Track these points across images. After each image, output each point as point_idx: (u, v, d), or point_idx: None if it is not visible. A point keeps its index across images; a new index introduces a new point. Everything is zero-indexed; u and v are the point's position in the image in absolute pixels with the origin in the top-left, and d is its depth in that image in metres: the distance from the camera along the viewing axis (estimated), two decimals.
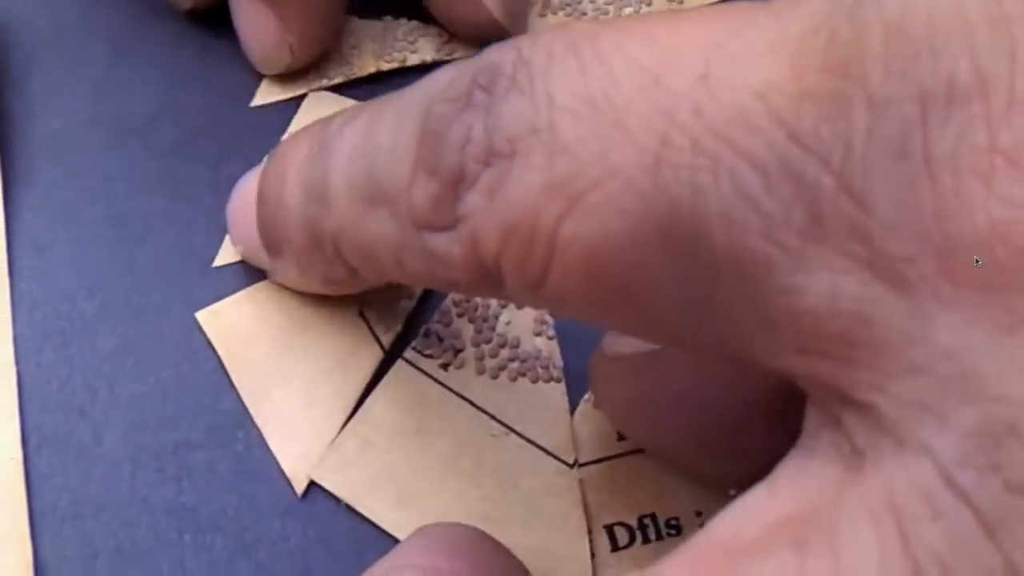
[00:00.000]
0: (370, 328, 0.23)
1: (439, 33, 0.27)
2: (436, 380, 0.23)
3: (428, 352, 0.23)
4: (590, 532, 0.21)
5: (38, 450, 0.21)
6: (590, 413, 0.23)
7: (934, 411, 0.11)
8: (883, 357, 0.12)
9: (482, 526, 0.21)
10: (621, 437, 0.22)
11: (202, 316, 0.23)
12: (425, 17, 0.27)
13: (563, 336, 0.23)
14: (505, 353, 0.23)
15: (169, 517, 0.21)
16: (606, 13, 0.28)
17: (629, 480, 0.22)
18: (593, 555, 0.21)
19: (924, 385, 0.11)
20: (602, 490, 0.22)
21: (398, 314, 0.23)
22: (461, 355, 0.23)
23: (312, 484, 0.21)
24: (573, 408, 0.23)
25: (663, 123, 0.13)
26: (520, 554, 0.21)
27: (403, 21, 0.27)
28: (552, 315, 0.23)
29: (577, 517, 0.21)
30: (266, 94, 0.26)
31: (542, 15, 0.28)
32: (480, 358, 0.23)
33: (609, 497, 0.22)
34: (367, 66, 0.27)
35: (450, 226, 0.16)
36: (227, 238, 0.23)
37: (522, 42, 0.15)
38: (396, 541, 0.21)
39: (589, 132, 0.14)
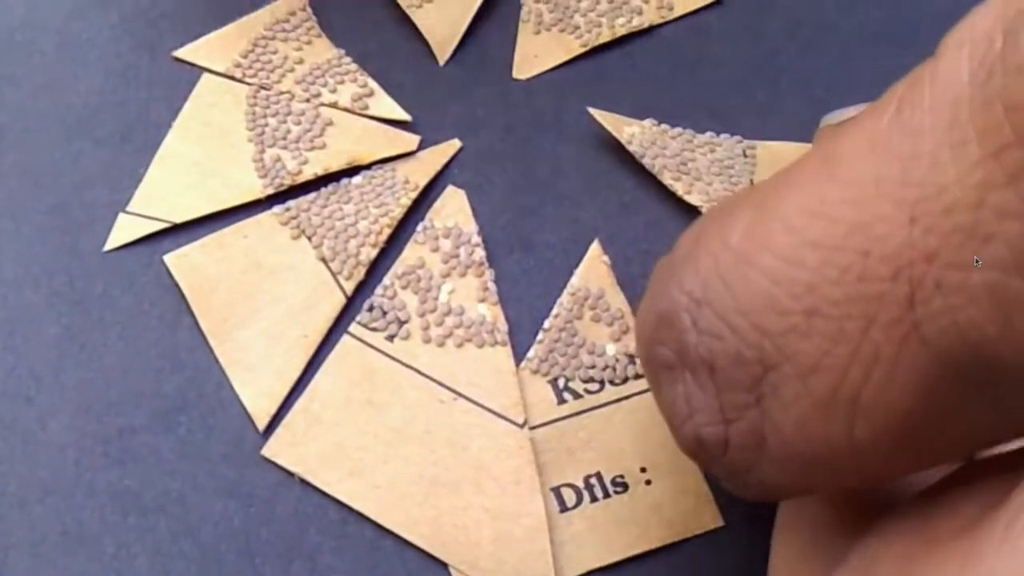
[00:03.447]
0: (332, 274, 0.23)
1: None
2: (382, 352, 0.22)
3: (373, 326, 0.23)
4: None
5: None
6: (527, 380, 0.22)
7: None
8: None
9: (435, 490, 0.21)
10: (561, 401, 0.22)
11: (170, 259, 0.23)
12: None
13: (506, 301, 0.23)
14: (450, 321, 0.23)
15: (114, 500, 0.21)
16: (598, 26, 0.27)
17: (572, 442, 0.22)
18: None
19: None
20: (546, 453, 0.21)
21: (361, 262, 0.23)
22: (406, 326, 0.22)
23: (253, 466, 0.21)
24: None
25: (903, 288, 0.12)
26: (474, 515, 0.21)
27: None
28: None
29: (530, 475, 0.21)
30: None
31: (536, 32, 0.27)
32: (425, 327, 0.22)
33: (553, 460, 0.21)
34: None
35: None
36: (120, 218, 0.24)
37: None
38: (338, 518, 0.21)
39: (823, 341, 0.13)
